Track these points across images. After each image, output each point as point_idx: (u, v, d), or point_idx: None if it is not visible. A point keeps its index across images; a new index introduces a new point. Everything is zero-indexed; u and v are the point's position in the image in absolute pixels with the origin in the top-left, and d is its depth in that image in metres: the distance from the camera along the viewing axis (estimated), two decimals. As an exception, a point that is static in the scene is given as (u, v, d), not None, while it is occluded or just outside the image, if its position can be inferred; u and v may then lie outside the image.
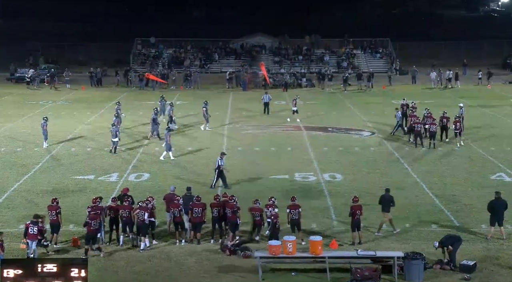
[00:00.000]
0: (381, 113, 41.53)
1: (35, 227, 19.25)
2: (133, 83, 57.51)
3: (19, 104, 47.58)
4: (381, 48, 71.55)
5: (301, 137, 36.26)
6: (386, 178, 28.07)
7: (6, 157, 31.67)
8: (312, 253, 18.60)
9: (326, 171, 29.21)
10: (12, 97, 51.64)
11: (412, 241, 20.90)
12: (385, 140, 35.11)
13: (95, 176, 28.31)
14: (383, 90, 54.82)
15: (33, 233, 19.19)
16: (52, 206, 20.59)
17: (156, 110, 36.83)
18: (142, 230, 20.22)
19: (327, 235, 21.12)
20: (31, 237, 19.22)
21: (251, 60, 68.37)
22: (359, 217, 20.62)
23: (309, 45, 71.91)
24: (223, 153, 27.28)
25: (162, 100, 41.13)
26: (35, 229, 19.23)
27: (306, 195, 24.11)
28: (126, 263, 19.21)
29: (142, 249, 20.04)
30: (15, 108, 45.77)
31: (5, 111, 44.49)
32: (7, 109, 45.36)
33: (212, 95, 52.51)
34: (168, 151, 31.23)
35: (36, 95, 52.32)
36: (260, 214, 20.87)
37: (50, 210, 20.53)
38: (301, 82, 57.81)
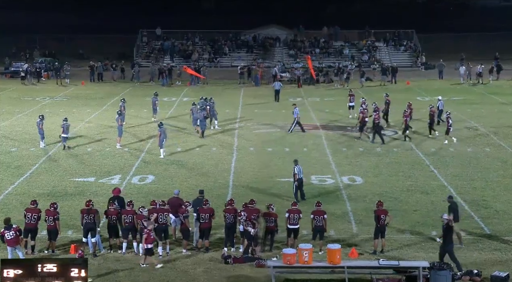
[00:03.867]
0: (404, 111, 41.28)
1: (11, 231, 19.34)
2: (137, 78, 57.65)
3: (14, 101, 47.85)
4: (405, 40, 71.34)
5: (318, 137, 36.19)
6: (410, 181, 27.98)
7: (0, 157, 31.83)
8: (330, 262, 18.53)
9: (345, 173, 29.14)
10: (7, 93, 51.94)
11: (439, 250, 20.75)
12: (409, 140, 34.94)
13: (95, 178, 28.40)
14: (407, 86, 54.63)
15: (11, 238, 19.30)
16: (49, 211, 20.65)
17: (197, 107, 36.90)
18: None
19: (346, 243, 21.05)
20: (11, 242, 19.31)
21: (264, 54, 68.40)
22: (384, 222, 20.51)
23: (327, 37, 71.82)
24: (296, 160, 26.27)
25: (155, 97, 41.10)
26: (11, 233, 19.33)
27: (324, 199, 24.00)
28: (129, 272, 19.23)
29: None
30: (10, 105, 46.04)
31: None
32: (1, 106, 45.61)
33: (222, 91, 52.60)
34: (162, 147, 31.64)
35: (33, 91, 52.61)
36: (274, 219, 20.84)
37: (48, 215, 20.61)
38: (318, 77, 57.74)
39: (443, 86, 54.43)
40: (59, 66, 58.97)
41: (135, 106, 44.23)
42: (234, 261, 19.85)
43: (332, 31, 72.81)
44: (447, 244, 19.37)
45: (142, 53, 69.49)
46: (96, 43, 76.50)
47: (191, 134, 36.32)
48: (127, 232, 20.60)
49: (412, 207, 24.55)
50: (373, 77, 57.91)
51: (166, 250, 20.47)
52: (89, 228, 20.46)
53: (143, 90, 51.86)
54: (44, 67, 61.12)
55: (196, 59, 66.35)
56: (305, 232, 21.34)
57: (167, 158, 31.57)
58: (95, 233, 20.50)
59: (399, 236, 21.88)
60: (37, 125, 33.61)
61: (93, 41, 76.94)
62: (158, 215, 20.58)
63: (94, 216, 20.49)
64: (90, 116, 41.90)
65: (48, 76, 59.98)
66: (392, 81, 56.32)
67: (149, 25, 73.54)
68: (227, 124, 39.10)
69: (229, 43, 70.99)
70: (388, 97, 39.71)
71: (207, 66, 61.21)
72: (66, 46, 76.32)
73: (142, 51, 69.92)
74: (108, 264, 19.82)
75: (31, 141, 34.79)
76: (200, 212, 20.90)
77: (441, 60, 60.00)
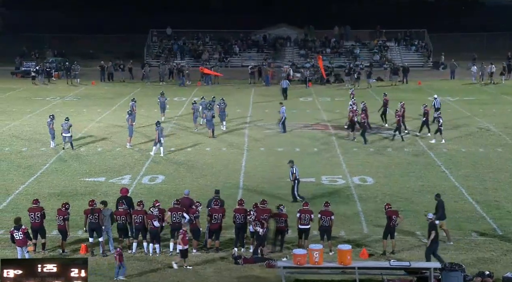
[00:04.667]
0: (416, 111, 41.25)
1: (19, 232, 19.50)
2: (148, 78, 57.80)
3: (24, 101, 48.08)
4: (416, 40, 71.17)
5: (328, 137, 36.19)
6: (422, 181, 27.94)
7: (11, 157, 32.00)
8: (341, 263, 18.53)
9: (356, 173, 29.14)
10: (17, 93, 52.19)
11: (450, 251, 20.76)
12: (420, 140, 34.91)
13: (106, 178, 28.52)
14: (418, 86, 54.51)
15: (19, 238, 19.45)
16: (61, 210, 20.77)
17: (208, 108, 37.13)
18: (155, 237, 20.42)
19: (357, 244, 21.06)
20: (20, 243, 19.48)
21: (274, 53, 68.41)
22: (395, 222, 20.51)
23: (337, 37, 71.75)
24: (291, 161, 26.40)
25: (161, 96, 41.26)
26: (20, 234, 19.48)
27: (334, 200, 24.07)
28: (139, 272, 19.31)
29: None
30: (20, 105, 46.26)
31: (9, 108, 44.98)
32: (12, 106, 45.84)
33: (232, 91, 52.64)
34: (155, 145, 31.96)
35: (43, 91, 52.83)
36: (284, 220, 20.86)
37: (58, 215, 20.75)
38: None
39: (454, 86, 54.28)
40: (69, 66, 59.18)
41: (146, 106, 44.33)
42: (244, 262, 19.89)
43: (343, 31, 72.72)
44: (431, 243, 19.46)
45: (152, 53, 69.64)
46: (106, 42, 76.70)
47: (201, 134, 36.37)
48: (137, 232, 20.70)
49: (423, 208, 24.51)
50: (384, 77, 57.83)
51: (176, 250, 20.52)
52: (93, 227, 20.56)
53: (153, 90, 51.93)
54: (54, 67, 61.32)
55: (207, 59, 66.44)
56: (316, 233, 21.37)
57: (177, 158, 31.67)
58: (100, 232, 20.59)
59: (410, 237, 21.86)
60: (48, 125, 33.76)
61: (103, 41, 77.15)
62: (171, 214, 20.68)
63: (98, 215, 20.57)
64: (101, 116, 42.04)
65: (59, 76, 60.21)
66: (404, 81, 56.23)
67: (158, 24, 73.65)
68: (237, 124, 39.14)
69: (240, 43, 71.05)
70: (386, 97, 39.74)
71: (218, 66, 61.26)
72: (75, 45, 76.57)
73: (153, 51, 70.08)
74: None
75: (42, 140, 34.96)
76: (212, 212, 20.95)
77: (452, 60, 59.83)
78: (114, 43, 76.48)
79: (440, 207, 21.80)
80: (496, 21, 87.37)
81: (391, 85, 55.03)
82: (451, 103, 46.70)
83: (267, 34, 72.45)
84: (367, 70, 57.06)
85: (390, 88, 53.32)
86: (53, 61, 63.96)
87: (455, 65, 58.89)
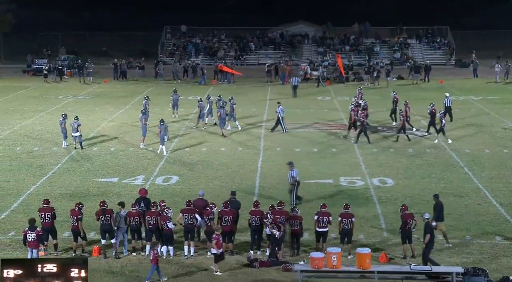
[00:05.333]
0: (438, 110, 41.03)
1: (33, 233, 19.63)
2: (162, 76, 57.98)
3: (36, 99, 48.39)
4: (439, 37, 70.84)
5: (347, 136, 36.06)
6: (444, 183, 27.81)
7: (22, 157, 32.21)
8: (359, 267, 18.48)
9: (376, 175, 29.05)
10: (29, 91, 52.54)
11: (473, 255, 20.65)
12: (442, 141, 34.75)
13: (118, 178, 28.62)
14: (440, 84, 54.26)
15: (32, 240, 19.58)
16: (74, 211, 20.84)
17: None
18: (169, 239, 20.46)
19: (376, 247, 20.99)
20: (32, 244, 19.60)
21: (291, 51, 68.37)
22: (411, 226, 20.43)
23: (357, 34, 71.59)
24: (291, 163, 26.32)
25: (174, 94, 41.43)
26: (33, 235, 19.62)
27: (353, 202, 23.99)
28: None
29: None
30: (32, 103, 46.57)
31: (21, 107, 45.29)
32: (23, 104, 46.16)
33: (248, 89, 52.68)
34: (162, 144, 32.26)
35: (55, 89, 53.15)
36: (299, 222, 20.83)
37: (72, 215, 20.83)
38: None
39: (478, 85, 53.99)
40: (81, 64, 59.48)
41: (159, 105, 44.46)
42: (260, 265, 19.88)
43: (362, 28, 72.54)
44: (426, 244, 19.45)
45: (166, 51, 69.82)
46: (119, 40, 77.00)
47: (215, 134, 36.40)
48: (151, 234, 20.73)
49: (445, 211, 24.27)
50: (405, 75, 57.64)
51: (190, 252, 20.56)
52: (106, 229, 20.63)
53: (167, 89, 51.98)
54: (66, 65, 61.67)
55: (222, 56, 66.50)
56: (334, 236, 21.32)
57: (191, 158, 31.73)
58: (113, 233, 20.65)
59: (432, 240, 21.74)
60: (60, 124, 33.86)
61: (116, 38, 77.46)
62: (183, 215, 20.71)
63: (110, 216, 20.63)
64: (113, 115, 42.22)
65: (71, 74, 60.55)
66: (425, 80, 56.01)
67: (172, 22, 73.81)
68: (253, 124, 39.13)
69: (256, 40, 71.09)
70: (396, 95, 39.67)
71: (233, 64, 61.30)
72: (88, 43, 76.94)
73: (167, 49, 70.26)
74: (130, 266, 19.96)
75: (53, 140, 35.16)
76: (221, 214, 20.95)
77: (475, 58, 59.49)
78: (128, 41, 76.77)
79: (437, 208, 21.74)
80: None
81: (412, 84, 54.82)
82: (475, 102, 46.46)
83: (284, 31, 72.43)
84: (387, 68, 56.87)
85: (411, 87, 53.19)
86: (65, 59, 64.36)
87: (477, 63, 58.55)
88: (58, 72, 58.33)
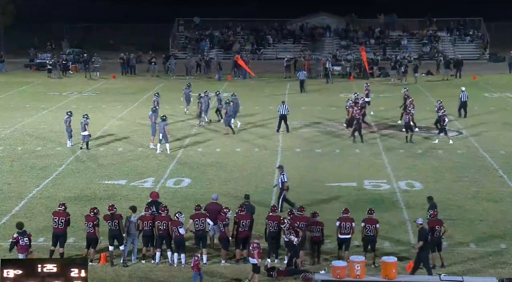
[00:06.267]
0: (470, 109, 40.95)
1: (25, 238, 19.71)
2: (173, 71, 58.14)
3: (39, 96, 48.70)
4: (471, 29, 70.53)
5: (371, 137, 36.02)
6: (476, 187, 27.68)
7: (24, 157, 32.40)
8: (385, 277, 18.43)
9: (402, 178, 28.97)
10: (32, 87, 52.89)
11: (509, 265, 20.53)
12: (475, 141, 34.60)
13: (127, 180, 28.73)
14: (473, 80, 54.03)
15: (24, 244, 19.68)
16: (89, 217, 20.78)
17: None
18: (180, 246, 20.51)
19: (403, 256, 20.93)
20: (24, 249, 19.68)
21: (312, 44, 68.31)
22: (440, 233, 20.35)
23: (383, 26, 71.43)
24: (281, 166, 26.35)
25: (187, 88, 41.57)
26: (26, 240, 19.71)
27: (378, 207, 23.93)
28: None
29: None
30: (35, 100, 46.86)
31: (23, 104, 45.59)
32: (26, 101, 46.46)
33: (266, 85, 52.71)
34: (166, 142, 32.43)
35: (59, 85, 53.46)
36: (321, 229, 20.80)
37: (87, 221, 20.77)
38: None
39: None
40: (87, 58, 59.76)
41: (170, 102, 44.56)
42: (278, 274, 19.88)
43: (388, 20, 72.36)
44: (421, 249, 19.43)
45: (178, 45, 69.97)
46: (127, 33, 77.27)
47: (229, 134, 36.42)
48: (161, 240, 20.78)
49: (478, 217, 24.28)
50: (436, 71, 57.42)
51: (203, 261, 20.59)
52: (114, 234, 20.69)
53: (179, 85, 52.09)
54: (71, 59, 62.00)
55: (238, 50, 66.50)
56: (357, 243, 21.29)
57: (204, 159, 31.78)
58: (122, 240, 20.71)
59: (463, 248, 21.66)
60: (65, 123, 33.93)
61: (124, 31, 77.74)
62: (194, 221, 20.72)
63: (118, 221, 20.68)
64: (122, 113, 42.39)
65: (76, 69, 60.87)
66: (456, 75, 55.78)
67: (185, 13, 73.94)
68: (270, 123, 39.12)
69: (274, 33, 71.10)
70: (407, 92, 39.66)
71: (250, 59, 61.27)
72: (94, 36, 77.26)
73: (179, 42, 70.42)
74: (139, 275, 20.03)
75: (58, 139, 35.34)
76: (239, 219, 20.95)
77: (511, 52, 59.17)
78: (137, 34, 77.01)
79: (431, 210, 21.63)
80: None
81: (442, 79, 54.63)
82: (511, 100, 46.21)
83: (304, 23, 72.39)
84: (415, 63, 56.69)
85: (441, 84, 52.98)
86: (70, 52, 64.72)
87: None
88: (62, 67, 58.67)
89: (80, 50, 65.94)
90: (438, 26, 70.79)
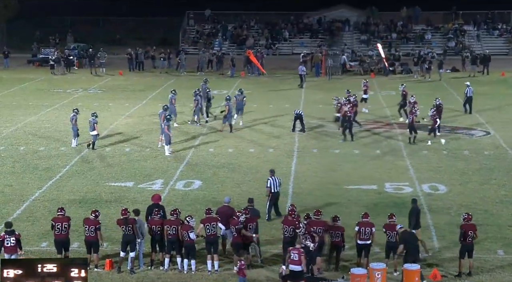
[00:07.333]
0: (498, 107, 40.85)
1: (12, 237, 19.73)
2: (183, 67, 58.23)
3: (42, 93, 48.90)
4: (500, 23, 70.25)
5: (393, 137, 35.97)
6: (505, 190, 27.59)
7: (26, 157, 32.53)
8: (407, 285, 18.44)
9: (426, 180, 28.90)
10: (34, 84, 53.11)
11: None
12: (504, 142, 34.48)
13: (134, 182, 28.79)
14: (502, 77, 53.84)
15: (10, 245, 19.71)
16: (89, 220, 20.83)
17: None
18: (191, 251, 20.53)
19: (427, 263, 20.88)
20: (9, 250, 19.71)
21: (330, 39, 68.25)
22: (473, 239, 20.25)
23: (405, 19, 71.27)
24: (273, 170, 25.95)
25: (204, 84, 41.64)
26: (12, 240, 19.73)
27: (400, 211, 23.88)
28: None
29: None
30: (38, 98, 47.06)
31: (25, 101, 45.81)
32: (28, 99, 46.67)
33: (281, 82, 52.70)
34: (165, 144, 32.45)
35: (63, 82, 53.67)
36: (341, 234, 20.78)
37: (88, 225, 20.79)
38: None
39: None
40: (93, 53, 59.94)
41: (180, 100, 44.49)
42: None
43: (411, 13, 72.21)
44: (407, 255, 19.50)
45: (189, 39, 70.06)
46: (135, 27, 77.40)
47: (244, 134, 36.44)
48: (171, 245, 20.80)
49: (506, 222, 24.19)
50: (462, 67, 57.23)
51: (215, 267, 20.60)
52: (127, 240, 20.69)
53: (190, 82, 52.24)
54: (76, 55, 62.21)
55: (251, 45, 66.53)
56: (377, 249, 21.25)
57: (216, 160, 31.81)
58: (134, 246, 20.72)
59: (491, 255, 21.57)
60: (71, 121, 33.93)
61: (131, 25, 77.87)
62: (205, 225, 20.73)
63: (132, 226, 20.70)
64: (129, 111, 42.50)
65: (81, 65, 61.05)
66: (484, 72, 55.59)
67: (195, 6, 74.01)
68: (286, 122, 39.10)
69: (290, 27, 71.07)
70: (404, 89, 39.85)
71: (264, 54, 61.26)
72: (100, 30, 77.45)
73: (189, 37, 70.51)
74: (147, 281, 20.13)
75: (62, 139, 35.46)
76: (246, 222, 20.94)
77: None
78: (145, 28, 77.15)
79: (414, 213, 21.76)
80: None
81: (469, 76, 54.38)
82: (541, 98, 46.08)
83: (322, 17, 72.34)
84: (440, 59, 56.52)
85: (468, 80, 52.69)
86: (74, 47, 64.93)
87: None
88: (66, 62, 58.86)
89: (85, 45, 66.10)
90: (464, 20, 70.59)
